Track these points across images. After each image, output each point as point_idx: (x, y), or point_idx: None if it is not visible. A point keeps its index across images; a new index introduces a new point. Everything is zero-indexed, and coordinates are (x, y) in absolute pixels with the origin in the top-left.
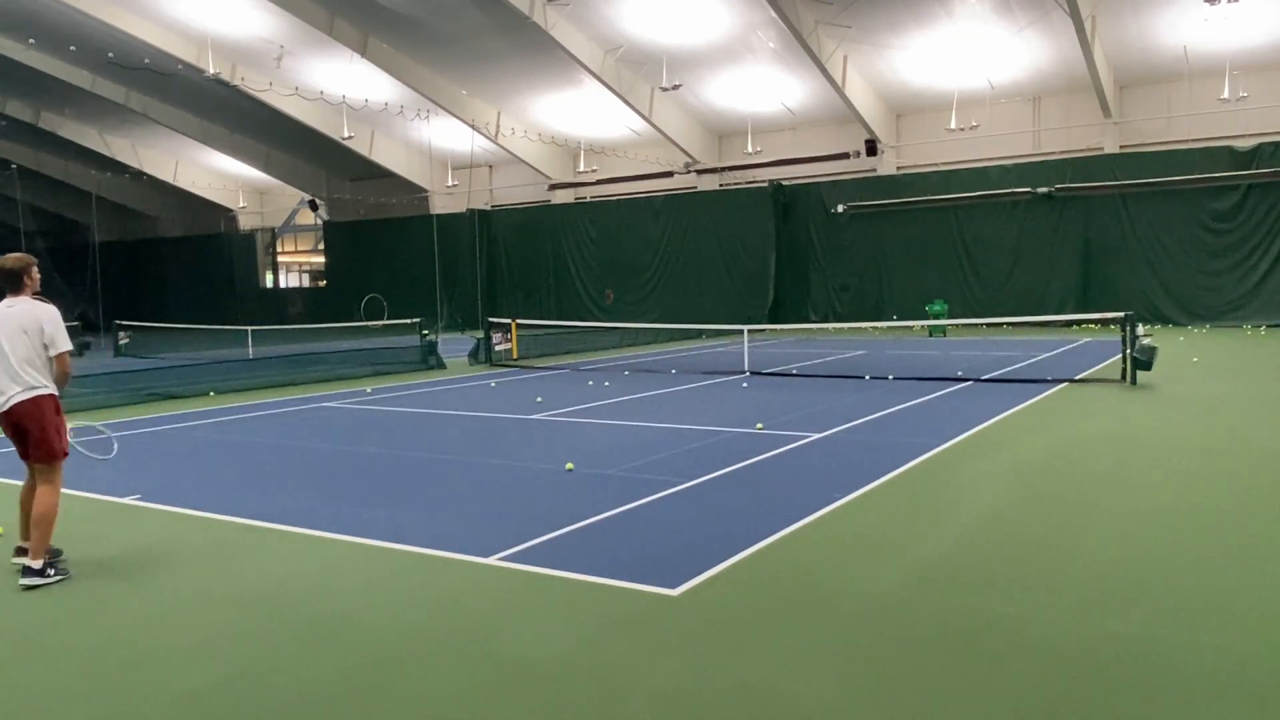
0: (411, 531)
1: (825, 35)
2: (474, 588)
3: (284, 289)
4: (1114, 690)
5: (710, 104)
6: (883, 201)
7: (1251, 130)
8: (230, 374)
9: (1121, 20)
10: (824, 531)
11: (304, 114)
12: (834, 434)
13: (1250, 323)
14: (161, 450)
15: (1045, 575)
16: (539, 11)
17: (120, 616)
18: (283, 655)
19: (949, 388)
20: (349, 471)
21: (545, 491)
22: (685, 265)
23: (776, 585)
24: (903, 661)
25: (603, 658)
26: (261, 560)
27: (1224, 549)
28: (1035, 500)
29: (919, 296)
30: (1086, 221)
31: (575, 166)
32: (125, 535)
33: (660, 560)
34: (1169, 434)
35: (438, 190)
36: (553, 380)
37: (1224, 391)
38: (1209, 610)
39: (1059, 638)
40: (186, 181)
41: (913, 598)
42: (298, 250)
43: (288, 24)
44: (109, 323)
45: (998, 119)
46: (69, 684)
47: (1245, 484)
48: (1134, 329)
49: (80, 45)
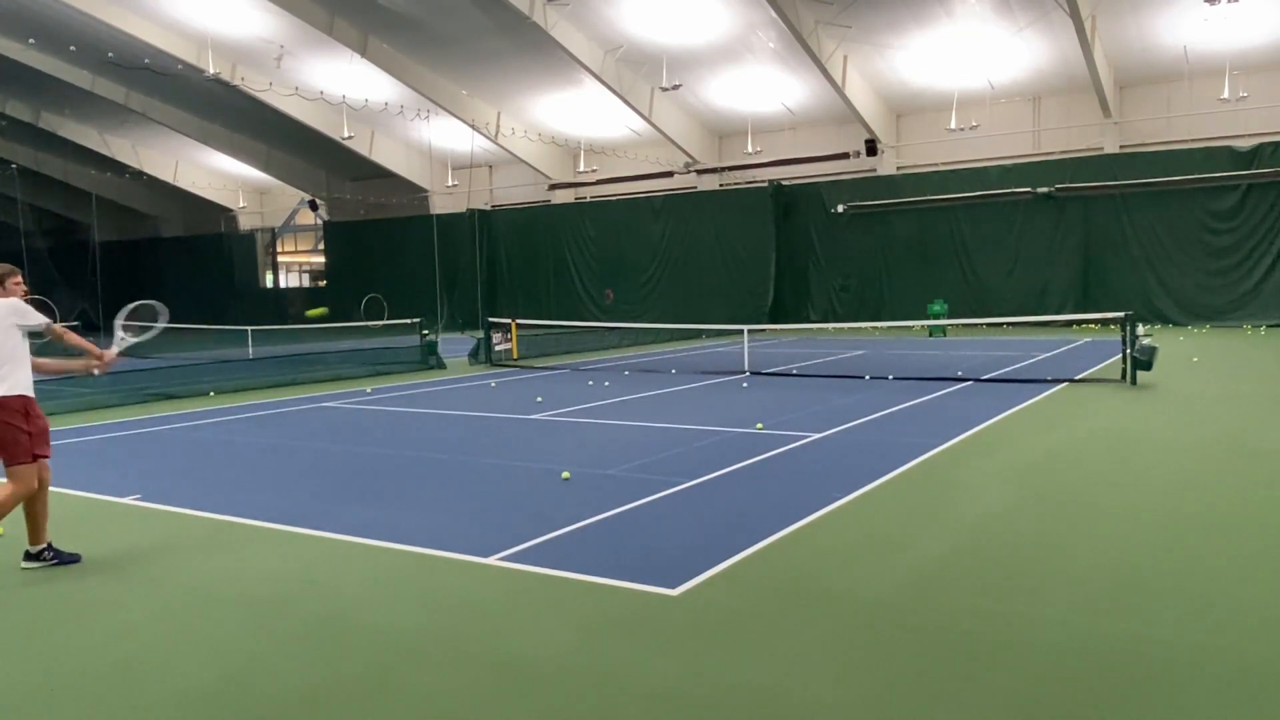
0: (411, 531)
1: (825, 35)
2: (474, 588)
3: (284, 289)
4: (1114, 690)
5: (710, 104)
6: (883, 201)
7: (1251, 130)
8: (230, 374)
9: (1121, 20)
10: (824, 531)
11: (304, 114)
12: (834, 434)
13: (1250, 322)
14: (161, 450)
15: (1045, 575)
16: (539, 11)
17: (120, 616)
18: (283, 655)
19: (949, 388)
20: (349, 471)
21: (545, 491)
22: (685, 265)
23: (776, 585)
24: (903, 661)
25: (602, 658)
26: (261, 560)
27: (1224, 549)
28: (1035, 500)
29: (919, 296)
30: (1086, 221)
31: (575, 166)
32: (125, 535)
33: (660, 560)
34: (1169, 434)
35: (438, 190)
36: (553, 380)
37: (1224, 391)
38: (1209, 610)
39: (1059, 638)
40: (186, 181)
41: (913, 598)
42: (298, 250)
43: (288, 24)
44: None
45: (998, 119)
46: (69, 684)
47: (1245, 484)
48: (1134, 329)
49: (80, 45)
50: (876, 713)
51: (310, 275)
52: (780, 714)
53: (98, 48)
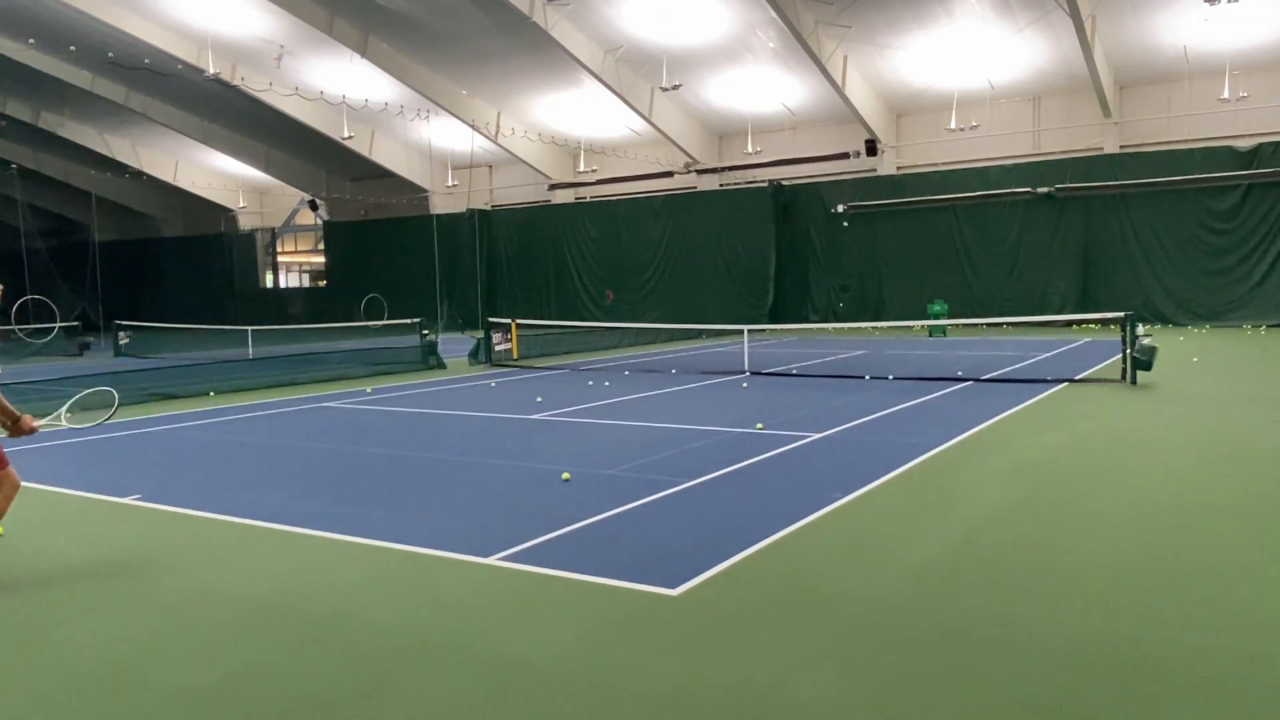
0: (411, 531)
1: (825, 35)
2: (474, 588)
3: (284, 289)
4: (1114, 690)
5: (710, 104)
6: (883, 201)
7: (1251, 130)
8: (230, 374)
9: (1121, 20)
10: (824, 531)
11: (304, 114)
12: (834, 434)
13: (1250, 322)
14: (161, 450)
15: (1045, 575)
16: (539, 11)
17: (120, 616)
18: (282, 655)
19: (949, 388)
20: (349, 471)
21: (545, 491)
22: (685, 265)
23: (776, 585)
24: (902, 661)
25: (602, 658)
26: (261, 560)
27: (1224, 548)
28: (1035, 500)
29: (919, 296)
30: (1087, 221)
31: (575, 166)
32: (125, 535)
33: (660, 560)
34: (1169, 434)
35: (438, 190)
36: (553, 380)
37: (1224, 391)
38: (1209, 610)
39: (1059, 638)
40: (186, 181)
41: (912, 598)
42: (298, 250)
43: (288, 24)
44: (109, 323)
45: (998, 119)
46: (70, 684)
47: (1245, 484)
48: (1134, 329)
49: (80, 45)
50: (876, 712)
51: (310, 275)
52: (780, 714)
53: (98, 48)
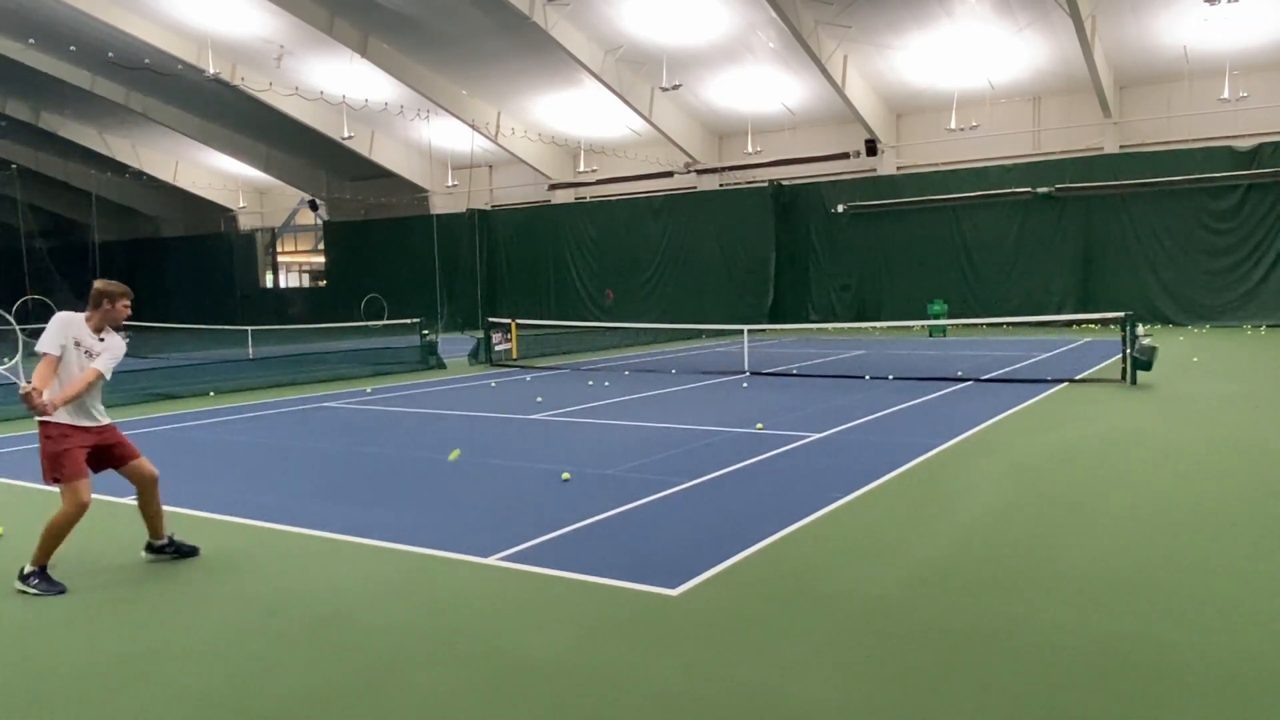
0: (412, 531)
1: (825, 35)
2: (474, 588)
3: (284, 289)
4: (1114, 690)
5: (710, 104)
6: (883, 201)
7: (1251, 130)
8: (230, 374)
9: (1121, 20)
10: (824, 531)
11: (304, 114)
12: (834, 434)
13: (1250, 322)
14: (161, 450)
15: (1045, 575)
16: (539, 11)
17: (121, 616)
18: (283, 655)
19: (949, 388)
20: (349, 471)
21: (545, 491)
22: (685, 265)
23: (776, 585)
24: (902, 661)
25: (602, 658)
26: (261, 560)
27: (1224, 549)
28: (1035, 500)
29: (919, 296)
30: (1086, 221)
31: (575, 166)
32: (125, 535)
33: (660, 560)
34: (1169, 434)
35: (438, 190)
36: (553, 380)
37: (1224, 391)
38: (1209, 610)
39: (1058, 638)
40: (186, 181)
41: (912, 598)
42: (298, 250)
43: (288, 24)
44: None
45: (998, 119)
46: (70, 684)
47: (1245, 484)
48: (1134, 329)
49: (80, 45)
50: (876, 713)
51: (310, 275)
52: (780, 714)
53: (98, 48)
